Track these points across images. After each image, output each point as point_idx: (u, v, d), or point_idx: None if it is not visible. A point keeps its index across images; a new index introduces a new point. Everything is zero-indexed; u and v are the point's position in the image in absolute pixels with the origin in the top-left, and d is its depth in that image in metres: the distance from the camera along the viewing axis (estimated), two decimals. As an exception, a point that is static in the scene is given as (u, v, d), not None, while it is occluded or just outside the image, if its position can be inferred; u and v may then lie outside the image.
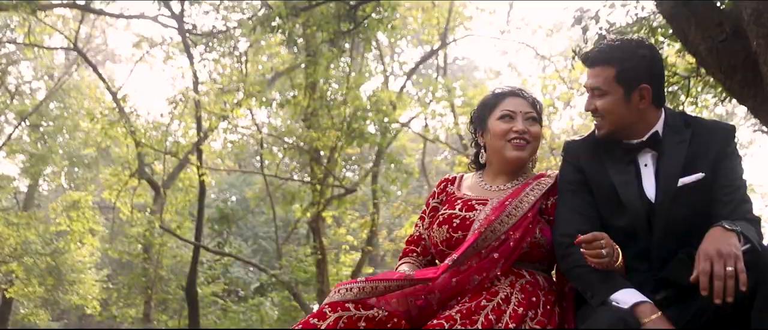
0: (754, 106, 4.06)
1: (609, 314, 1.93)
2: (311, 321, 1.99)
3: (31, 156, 17.33)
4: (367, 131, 10.94)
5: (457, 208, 2.39)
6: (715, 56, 4.07)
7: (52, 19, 14.83)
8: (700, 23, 4.10)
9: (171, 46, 14.81)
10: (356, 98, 10.25)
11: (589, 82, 2.26)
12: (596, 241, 1.98)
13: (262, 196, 16.01)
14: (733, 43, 4.01)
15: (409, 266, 2.43)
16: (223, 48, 13.29)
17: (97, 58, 20.33)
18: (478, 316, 2.03)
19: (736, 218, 2.08)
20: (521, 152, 2.39)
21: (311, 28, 8.28)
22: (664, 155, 2.22)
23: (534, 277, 2.25)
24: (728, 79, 4.09)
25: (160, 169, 15.18)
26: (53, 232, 16.94)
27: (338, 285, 2.11)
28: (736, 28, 3.99)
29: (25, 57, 16.83)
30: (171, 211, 15.64)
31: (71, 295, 17.18)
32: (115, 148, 15.96)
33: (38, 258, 16.56)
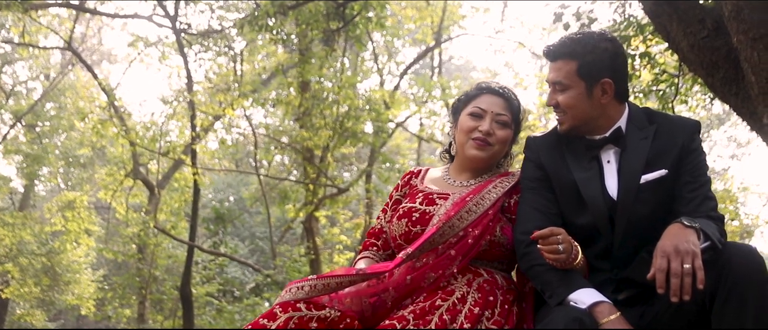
0: (736, 103, 4.00)
1: (565, 314, 1.88)
2: (261, 322, 1.92)
3: (27, 156, 17.30)
4: (361, 130, 10.88)
5: (418, 201, 2.33)
6: (696, 53, 4.01)
7: (47, 18, 14.83)
8: (682, 20, 4.05)
9: (166, 46, 14.81)
10: (348, 97, 10.18)
11: (551, 77, 2.20)
12: (553, 236, 1.93)
13: (257, 196, 15.96)
14: (715, 40, 3.95)
15: (366, 261, 2.36)
16: (218, 47, 13.28)
17: (93, 58, 20.33)
18: (432, 316, 1.97)
19: (700, 215, 2.03)
20: (479, 152, 2.34)
21: (300, 26, 8.22)
22: (627, 151, 2.17)
23: (492, 275, 2.19)
24: (710, 77, 4.03)
25: (155, 169, 15.14)
26: (49, 232, 16.91)
27: (290, 284, 2.05)
28: (718, 25, 3.94)
29: (21, 57, 16.82)
30: (166, 211, 15.62)
31: (67, 296, 17.15)
32: (110, 148, 15.94)
33: (34, 258, 16.54)
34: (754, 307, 1.82)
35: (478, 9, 13.40)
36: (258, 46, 13.48)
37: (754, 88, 3.66)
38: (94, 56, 20.58)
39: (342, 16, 7.54)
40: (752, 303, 1.82)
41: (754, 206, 22.76)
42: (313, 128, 10.73)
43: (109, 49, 22.04)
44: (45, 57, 17.63)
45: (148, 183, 14.82)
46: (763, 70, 3.58)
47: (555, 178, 2.22)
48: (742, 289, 1.83)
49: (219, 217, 16.79)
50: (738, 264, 1.85)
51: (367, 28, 8.22)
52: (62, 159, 18.38)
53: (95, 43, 19.49)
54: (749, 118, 3.99)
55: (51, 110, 18.27)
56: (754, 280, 1.84)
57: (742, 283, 1.83)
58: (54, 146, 18.14)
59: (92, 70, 14.07)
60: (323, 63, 10.24)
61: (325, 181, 11.59)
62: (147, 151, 13.68)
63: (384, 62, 17.51)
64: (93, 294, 17.04)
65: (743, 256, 1.87)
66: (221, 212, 17.09)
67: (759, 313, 1.83)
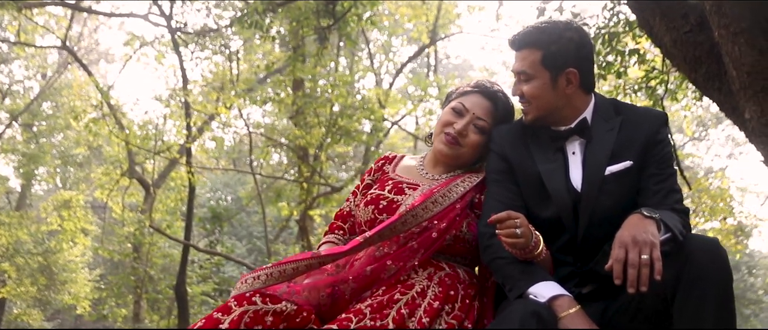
0: (719, 98, 3.96)
1: (523, 308, 1.83)
2: (215, 316, 1.86)
3: (24, 155, 17.29)
4: (355, 129, 10.85)
5: (387, 189, 2.29)
6: (679, 48, 3.98)
7: (44, 18, 14.82)
8: (665, 15, 4.01)
9: (162, 45, 14.79)
10: (341, 96, 10.14)
11: (515, 66, 2.17)
12: (510, 219, 1.89)
13: (253, 195, 15.94)
14: (698, 35, 3.92)
15: (329, 246, 2.30)
16: (214, 46, 13.27)
17: (91, 58, 20.32)
18: (390, 310, 1.92)
19: (664, 208, 2.00)
20: (446, 149, 2.30)
21: (292, 24, 8.19)
22: (592, 143, 2.13)
23: (454, 270, 2.15)
24: (693, 72, 4.00)
25: (150, 169, 15.12)
26: (45, 231, 16.91)
27: (245, 275, 2.01)
28: (701, 20, 3.90)
29: (18, 56, 16.82)
30: (162, 210, 15.61)
31: (63, 295, 17.13)
32: (107, 147, 15.92)
33: (30, 258, 16.54)
34: (715, 300, 1.79)
35: (473, 8, 13.34)
36: (254, 46, 13.46)
37: (735, 83, 3.62)
38: (92, 56, 20.58)
39: (332, 14, 7.50)
40: (713, 296, 1.79)
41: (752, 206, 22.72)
42: (306, 127, 10.70)
43: (107, 48, 22.03)
44: (41, 56, 17.63)
45: (144, 182, 14.81)
46: (744, 65, 3.54)
47: (519, 170, 2.18)
48: (703, 281, 1.80)
49: (215, 216, 16.77)
50: (700, 257, 1.82)
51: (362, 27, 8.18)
52: (59, 158, 18.38)
53: (92, 43, 19.46)
54: (732, 114, 3.96)
55: (48, 110, 18.28)
56: (716, 272, 1.81)
57: (704, 276, 1.80)
58: (50, 146, 18.14)
59: (87, 69, 14.05)
60: (318, 61, 10.21)
61: (319, 180, 11.55)
62: (143, 151, 13.66)
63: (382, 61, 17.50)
64: (89, 294, 17.02)
65: (705, 248, 1.84)
66: (218, 211, 17.08)
67: (720, 305, 1.79)
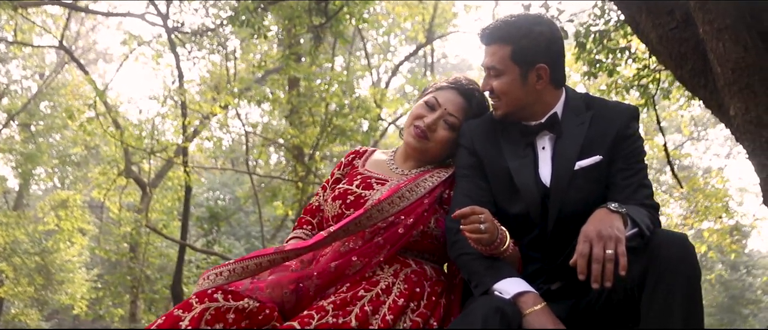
0: (704, 95, 3.93)
1: (486, 304, 1.80)
2: (175, 313, 1.82)
3: (21, 155, 17.29)
4: (350, 129, 10.81)
5: (355, 184, 2.26)
6: (665, 45, 3.95)
7: (41, 17, 14.81)
8: (651, 11, 3.99)
9: (159, 44, 14.78)
10: (336, 95, 10.12)
11: (485, 61, 2.14)
12: (474, 214, 1.85)
13: (251, 194, 15.91)
14: (684, 32, 3.89)
15: (296, 241, 2.26)
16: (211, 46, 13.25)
17: (89, 58, 20.31)
18: (353, 307, 1.88)
19: (633, 203, 1.97)
20: (414, 142, 2.27)
21: (284, 22, 8.16)
22: (562, 138, 2.10)
23: (421, 266, 2.11)
24: (679, 69, 3.97)
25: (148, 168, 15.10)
26: (43, 231, 16.89)
27: (207, 271, 1.97)
28: (686, 17, 3.87)
29: (15, 55, 16.81)
30: (159, 210, 15.59)
31: (60, 295, 17.12)
32: (104, 147, 15.91)
33: (27, 257, 16.52)
34: (682, 295, 1.76)
35: (470, 7, 13.31)
36: (252, 45, 13.45)
37: (720, 80, 3.60)
38: (90, 55, 20.57)
39: (325, 12, 7.48)
40: (681, 291, 1.76)
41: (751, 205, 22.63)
42: (301, 126, 10.67)
43: (105, 48, 22.03)
44: (39, 56, 17.62)
45: (141, 182, 14.79)
46: (728, 61, 3.52)
47: (488, 166, 2.15)
48: (670, 276, 1.77)
49: (213, 216, 16.73)
50: (667, 252, 1.79)
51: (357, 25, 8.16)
52: (57, 158, 18.37)
53: (90, 42, 19.45)
54: (717, 111, 3.93)
55: (46, 109, 18.27)
56: (683, 267, 1.78)
57: (671, 271, 1.77)
58: (48, 145, 18.13)
59: (83, 68, 14.04)
60: (313, 60, 10.19)
61: (314, 179, 11.52)
62: (140, 150, 13.64)
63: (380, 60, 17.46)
64: (86, 293, 17.01)
65: (673, 243, 1.81)
66: (215, 211, 17.04)
67: (688, 300, 1.76)
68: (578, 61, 6.24)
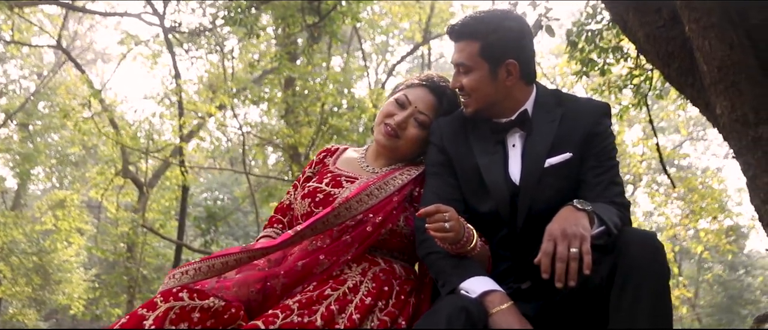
0: (691, 94, 3.91)
1: (451, 304, 1.77)
2: (139, 312, 1.79)
3: (19, 155, 17.28)
4: (346, 128, 10.79)
5: (325, 182, 2.23)
6: (652, 43, 3.93)
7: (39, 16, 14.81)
8: (639, 9, 3.97)
9: (157, 44, 14.78)
10: (331, 95, 10.09)
11: (455, 58, 2.11)
12: (439, 213, 1.83)
13: (248, 194, 15.90)
14: (671, 30, 3.86)
15: (266, 240, 2.21)
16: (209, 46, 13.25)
17: (88, 57, 20.31)
18: (320, 306, 1.85)
19: (603, 201, 1.95)
20: (384, 140, 2.24)
21: (278, 21, 8.14)
22: (533, 135, 2.07)
23: (390, 265, 2.08)
24: (666, 67, 3.94)
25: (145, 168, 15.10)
26: (40, 231, 16.89)
27: (173, 270, 1.95)
28: (674, 15, 3.85)
29: (13, 55, 16.81)
30: (157, 209, 15.58)
31: (57, 295, 17.11)
32: (101, 146, 15.91)
33: (25, 257, 16.52)
34: (650, 294, 1.73)
35: (467, 7, 13.27)
36: (250, 45, 13.44)
37: (706, 78, 3.57)
38: (89, 55, 20.57)
39: (318, 12, 7.45)
40: (649, 289, 1.74)
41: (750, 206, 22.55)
42: (297, 125, 10.65)
43: (104, 48, 22.03)
44: (37, 55, 17.62)
45: (138, 181, 14.79)
46: (714, 60, 3.49)
47: (458, 163, 2.12)
48: (638, 275, 1.74)
49: (210, 216, 16.71)
50: (635, 250, 1.76)
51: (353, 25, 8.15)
52: (55, 158, 18.37)
53: (88, 42, 19.46)
54: (705, 109, 3.90)
55: (44, 109, 18.26)
56: (651, 266, 1.75)
57: (639, 269, 1.74)
58: (46, 145, 18.12)
59: (80, 67, 14.05)
60: (309, 60, 10.16)
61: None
62: (136, 150, 13.63)
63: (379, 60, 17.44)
64: (83, 293, 17.00)
65: (640, 242, 1.78)
66: (213, 211, 17.03)
67: (655, 299, 1.74)
68: (570, 60, 6.22)
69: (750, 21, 3.61)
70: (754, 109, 3.45)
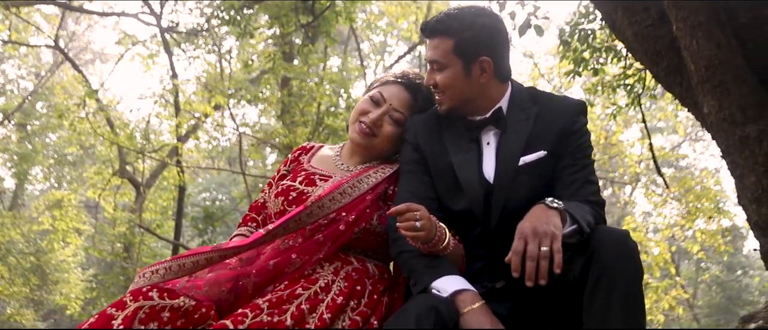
0: (680, 93, 3.89)
1: (421, 303, 1.75)
2: (108, 311, 1.77)
3: (16, 155, 17.28)
4: (342, 128, 10.77)
5: (298, 180, 2.21)
6: (640, 42, 3.91)
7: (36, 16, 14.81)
8: (627, 8, 3.94)
9: (155, 44, 14.77)
10: (326, 95, 10.06)
11: (428, 55, 2.10)
12: (409, 212, 1.80)
13: (246, 194, 15.88)
14: (659, 29, 3.84)
15: (240, 238, 2.20)
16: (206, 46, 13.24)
17: (86, 57, 20.31)
18: (290, 305, 1.83)
19: (578, 199, 1.93)
20: (359, 138, 2.22)
21: (272, 21, 8.12)
22: (507, 133, 2.05)
23: (363, 264, 2.06)
24: (654, 66, 3.93)
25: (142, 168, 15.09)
26: (38, 231, 16.88)
27: (143, 269, 1.93)
28: (662, 14, 3.82)
29: (11, 55, 16.80)
30: (155, 209, 15.57)
31: (55, 295, 17.10)
32: (99, 146, 15.90)
33: (22, 257, 16.51)
34: (622, 294, 1.72)
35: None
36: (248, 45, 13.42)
37: (694, 77, 3.55)
38: (87, 56, 20.57)
39: (311, 11, 7.44)
40: (621, 289, 1.72)
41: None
42: (293, 125, 10.63)
43: (102, 48, 22.03)
44: (35, 55, 17.62)
45: (135, 181, 14.77)
46: (702, 59, 3.47)
47: (432, 161, 2.10)
48: (610, 274, 1.73)
49: (208, 216, 16.70)
50: (607, 249, 1.75)
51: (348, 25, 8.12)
52: (52, 158, 18.36)
53: (86, 42, 19.45)
54: (693, 109, 3.88)
55: (42, 109, 18.26)
56: (624, 265, 1.74)
57: (611, 269, 1.73)
58: (43, 145, 18.12)
59: (77, 67, 14.06)
60: (304, 60, 10.15)
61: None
62: (133, 150, 13.62)
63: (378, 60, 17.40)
64: (80, 294, 16.99)
65: (613, 240, 1.77)
66: (211, 211, 17.02)
67: (628, 298, 1.72)
68: (563, 59, 6.20)
69: (738, 20, 3.58)
70: (741, 109, 3.43)
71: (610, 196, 18.03)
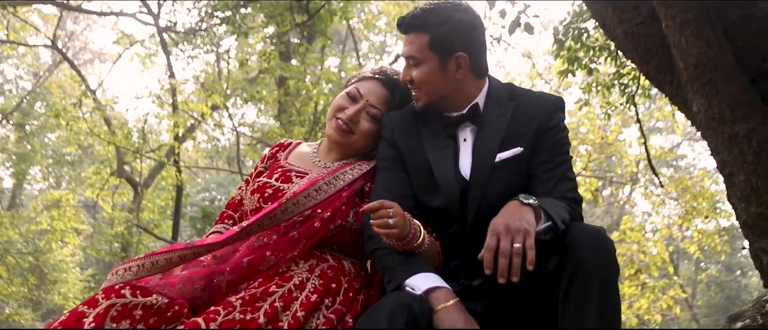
0: (670, 91, 3.86)
1: (394, 300, 1.73)
2: (80, 309, 1.74)
3: (15, 155, 17.28)
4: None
5: (275, 177, 2.19)
6: (631, 40, 3.88)
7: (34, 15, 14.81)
8: (617, 6, 3.92)
9: (153, 44, 14.76)
10: (323, 94, 10.04)
11: (404, 50, 2.08)
12: (382, 209, 1.79)
13: (244, 194, 15.86)
14: (649, 27, 3.82)
15: (216, 236, 2.16)
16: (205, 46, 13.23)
17: (85, 57, 20.31)
18: (263, 303, 1.81)
19: (554, 196, 1.91)
20: (336, 135, 2.20)
21: (268, 21, 8.10)
22: (484, 129, 2.04)
23: (339, 262, 2.04)
24: (645, 64, 3.90)
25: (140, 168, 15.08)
26: (36, 231, 16.87)
27: (116, 266, 1.91)
28: (652, 11, 3.80)
29: (9, 55, 16.80)
30: (153, 209, 15.56)
31: (54, 295, 17.10)
32: (97, 146, 15.90)
33: (21, 257, 16.50)
34: (598, 290, 1.70)
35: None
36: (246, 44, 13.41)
37: (683, 75, 3.53)
38: (86, 55, 20.57)
39: (306, 10, 7.42)
40: (596, 286, 1.70)
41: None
42: (290, 125, 10.61)
43: (101, 47, 22.03)
44: (33, 55, 17.62)
45: (133, 181, 14.77)
46: (691, 57, 3.45)
47: (408, 158, 2.08)
48: (585, 271, 1.71)
49: (206, 215, 16.69)
50: (582, 246, 1.73)
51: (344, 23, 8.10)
52: (51, 158, 18.36)
53: (84, 42, 19.45)
54: (683, 107, 3.86)
55: (40, 109, 18.26)
56: (599, 262, 1.72)
57: (586, 266, 1.71)
58: (42, 145, 18.12)
59: (75, 67, 14.05)
60: (302, 59, 10.13)
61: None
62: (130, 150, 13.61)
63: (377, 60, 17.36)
64: (79, 293, 16.98)
65: (588, 237, 1.75)
66: (209, 211, 17.01)
67: (603, 295, 1.70)
68: (557, 58, 6.18)
69: (728, 18, 3.56)
70: (730, 107, 3.41)
71: (609, 197, 18.00)
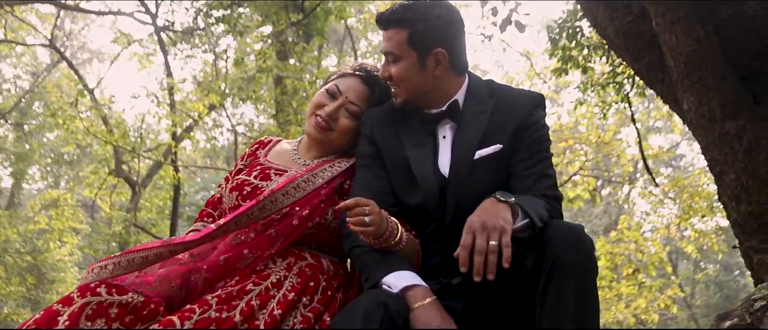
0: (661, 89, 3.85)
1: (370, 298, 1.72)
2: (55, 307, 1.74)
3: (13, 154, 17.28)
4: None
5: (253, 175, 2.17)
6: (622, 38, 3.88)
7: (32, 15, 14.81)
8: (608, 4, 3.92)
9: (151, 43, 14.76)
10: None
11: (383, 47, 2.06)
12: (358, 206, 1.77)
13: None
14: (640, 25, 3.81)
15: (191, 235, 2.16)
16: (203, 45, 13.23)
17: (83, 57, 20.31)
18: (240, 301, 1.80)
19: (534, 193, 1.90)
20: (315, 132, 2.18)
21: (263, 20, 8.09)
22: (463, 126, 2.02)
23: (318, 260, 2.03)
24: (636, 62, 3.89)
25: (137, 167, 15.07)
26: (35, 230, 16.87)
27: (92, 264, 1.89)
28: (643, 10, 3.79)
29: (7, 54, 16.79)
30: (151, 209, 15.55)
31: (52, 295, 17.10)
32: (95, 145, 15.89)
33: (19, 257, 16.51)
34: (575, 288, 1.69)
35: (459, 6, 13.19)
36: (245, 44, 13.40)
37: (673, 73, 3.52)
38: (85, 55, 20.58)
39: (301, 8, 7.41)
40: (574, 284, 1.69)
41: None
42: (287, 124, 10.60)
43: (99, 47, 22.03)
44: (31, 55, 17.62)
45: (130, 181, 14.75)
46: (681, 55, 3.44)
47: (387, 155, 2.07)
48: (563, 269, 1.70)
49: (205, 215, 16.67)
50: (560, 243, 1.72)
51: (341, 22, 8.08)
52: (49, 157, 18.36)
53: (82, 41, 19.45)
54: (674, 105, 3.85)
55: (39, 108, 18.26)
56: (577, 260, 1.71)
57: (564, 264, 1.70)
58: (40, 144, 18.12)
59: (73, 66, 14.04)
60: (299, 58, 10.11)
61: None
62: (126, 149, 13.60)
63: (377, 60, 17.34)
64: (77, 292, 16.98)
65: (566, 235, 1.73)
66: (208, 211, 17.00)
67: (580, 293, 1.69)
68: (551, 57, 6.17)
69: (718, 16, 3.54)
70: (720, 105, 3.40)
71: (608, 196, 17.98)
